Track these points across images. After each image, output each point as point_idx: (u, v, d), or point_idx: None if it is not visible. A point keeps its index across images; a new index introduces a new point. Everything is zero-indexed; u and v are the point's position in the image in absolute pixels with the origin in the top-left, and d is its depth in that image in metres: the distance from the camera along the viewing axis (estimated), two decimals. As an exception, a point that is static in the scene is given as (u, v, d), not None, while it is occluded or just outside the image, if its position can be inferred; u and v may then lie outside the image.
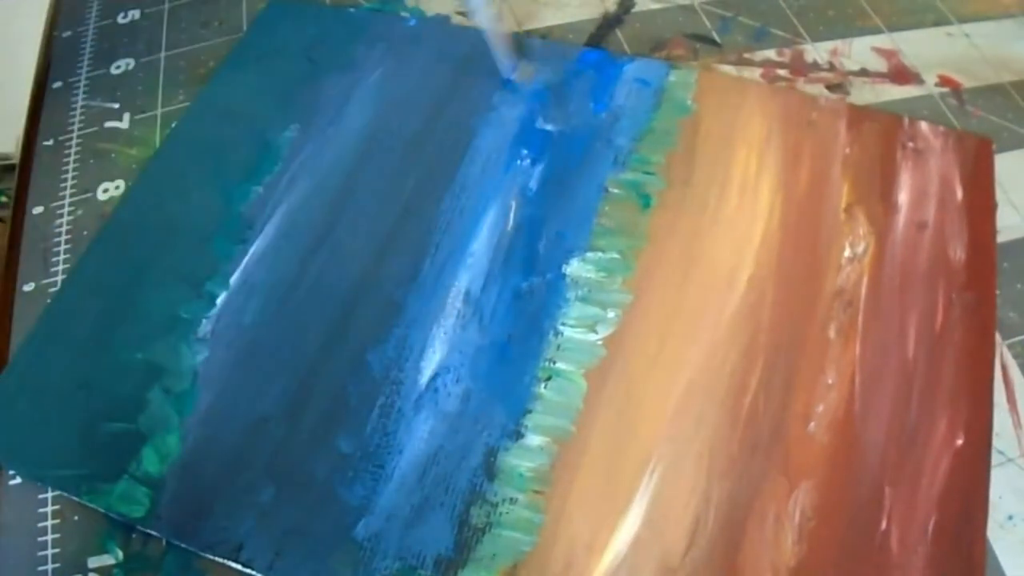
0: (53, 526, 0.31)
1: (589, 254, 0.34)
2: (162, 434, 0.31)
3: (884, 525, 0.29)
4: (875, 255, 0.34)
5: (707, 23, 0.44)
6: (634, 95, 0.39)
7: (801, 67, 0.42)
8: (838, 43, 0.43)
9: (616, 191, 0.36)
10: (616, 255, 0.34)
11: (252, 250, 0.36)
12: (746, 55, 0.42)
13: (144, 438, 0.31)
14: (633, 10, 0.45)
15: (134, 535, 0.30)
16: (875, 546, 0.28)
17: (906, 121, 0.38)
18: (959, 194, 0.35)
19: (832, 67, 0.42)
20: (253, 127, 0.39)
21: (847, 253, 0.34)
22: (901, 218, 0.35)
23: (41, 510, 0.31)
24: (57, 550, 0.30)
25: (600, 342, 0.32)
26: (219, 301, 0.34)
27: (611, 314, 0.33)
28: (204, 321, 0.34)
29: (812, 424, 0.30)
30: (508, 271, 0.34)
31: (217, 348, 0.33)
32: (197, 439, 0.31)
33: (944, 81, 0.41)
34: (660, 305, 0.33)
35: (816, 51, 0.43)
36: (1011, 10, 0.45)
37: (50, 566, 0.30)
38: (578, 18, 0.45)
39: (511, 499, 0.29)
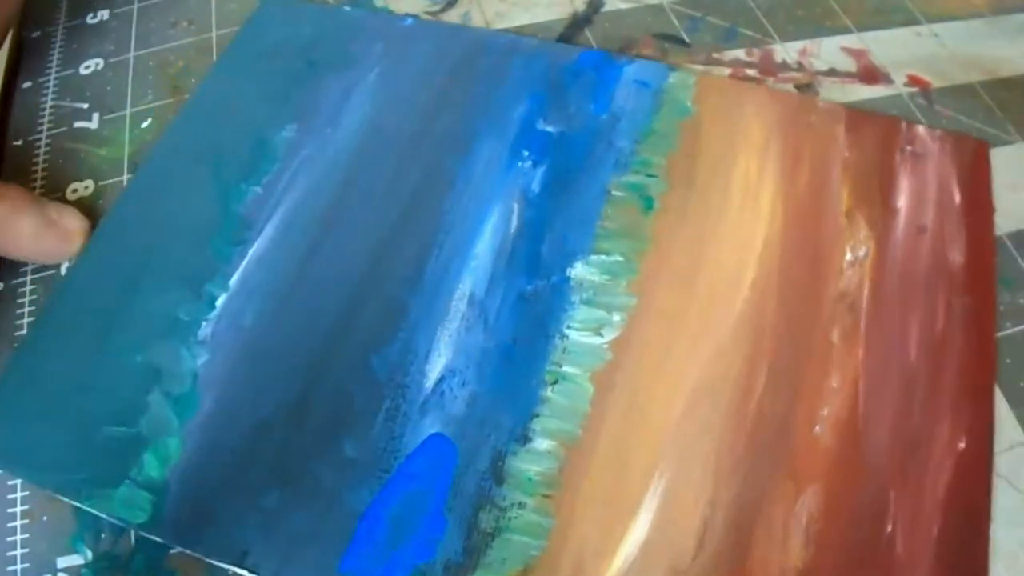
0: (22, 526, 0.31)
1: (593, 257, 0.35)
2: (163, 438, 0.31)
3: (890, 528, 0.29)
4: (876, 259, 0.35)
5: (676, 23, 0.45)
6: (634, 97, 0.39)
7: (770, 67, 0.42)
8: (807, 43, 0.44)
9: (618, 193, 0.36)
10: (620, 258, 0.35)
11: (251, 251, 0.36)
12: (715, 55, 0.43)
13: (145, 442, 0.31)
14: (602, 10, 0.46)
15: (103, 535, 0.30)
16: (881, 549, 0.29)
17: (903, 124, 0.39)
18: (957, 198, 0.36)
19: (801, 67, 0.43)
20: (250, 127, 0.39)
21: (848, 257, 0.35)
22: (900, 222, 0.36)
23: (11, 510, 0.31)
24: (26, 550, 0.30)
25: (606, 346, 0.33)
26: (219, 303, 0.34)
27: (616, 317, 0.33)
28: (204, 323, 0.34)
29: (818, 428, 0.31)
30: (512, 274, 0.34)
31: (217, 351, 0.33)
32: (199, 443, 0.31)
33: (913, 81, 0.42)
34: (665, 309, 0.34)
35: (785, 51, 0.43)
36: (981, 10, 0.46)
37: (19, 566, 0.30)
38: (547, 18, 0.45)
39: (520, 503, 0.30)
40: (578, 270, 0.34)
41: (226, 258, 0.35)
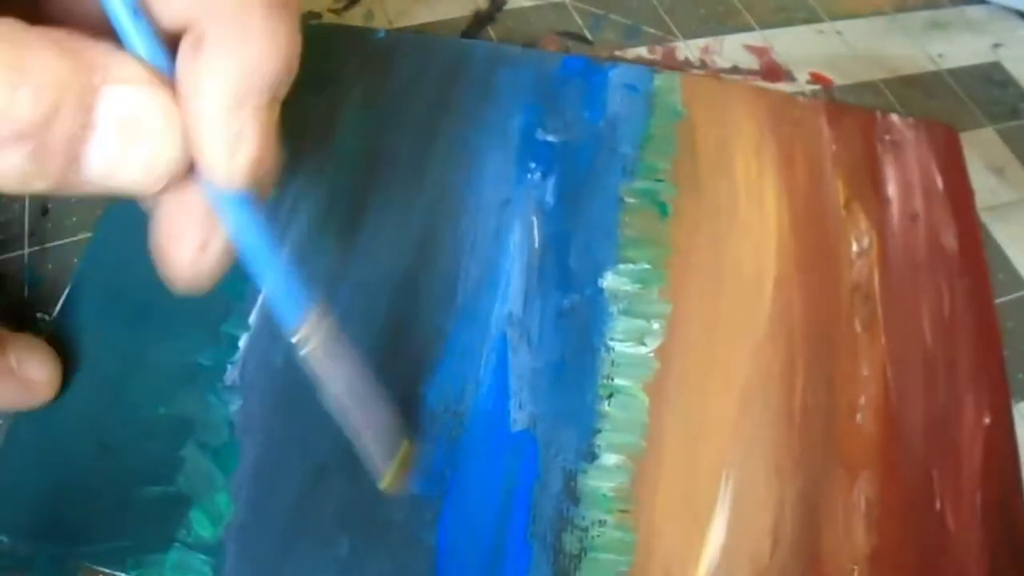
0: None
1: (621, 266, 0.35)
2: (208, 494, 0.30)
3: (938, 505, 0.31)
4: (879, 249, 0.37)
5: (579, 21, 0.46)
6: (626, 102, 0.40)
7: (673, 64, 0.44)
8: (709, 40, 0.46)
9: (632, 200, 0.37)
10: (647, 265, 0.35)
11: (266, 286, 0.34)
12: (617, 52, 0.44)
13: (189, 500, 0.29)
14: (505, 7, 0.46)
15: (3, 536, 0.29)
16: (935, 526, 0.31)
17: (878, 114, 0.41)
18: (939, 183, 0.39)
19: (704, 64, 0.44)
20: None
21: (855, 248, 0.37)
22: (894, 211, 0.38)
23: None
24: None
25: (651, 355, 0.33)
26: (241, 344, 0.33)
27: (655, 325, 0.34)
28: (229, 367, 0.32)
29: (859, 416, 0.33)
30: (545, 289, 0.34)
31: (251, 395, 0.32)
32: (250, 496, 0.30)
33: (816, 78, 0.44)
34: (699, 313, 0.34)
35: (688, 48, 0.45)
36: (883, 8, 0.49)
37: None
38: (450, 15, 0.45)
39: (600, 521, 0.30)
40: (609, 280, 0.35)
41: (239, 294, 0.34)
